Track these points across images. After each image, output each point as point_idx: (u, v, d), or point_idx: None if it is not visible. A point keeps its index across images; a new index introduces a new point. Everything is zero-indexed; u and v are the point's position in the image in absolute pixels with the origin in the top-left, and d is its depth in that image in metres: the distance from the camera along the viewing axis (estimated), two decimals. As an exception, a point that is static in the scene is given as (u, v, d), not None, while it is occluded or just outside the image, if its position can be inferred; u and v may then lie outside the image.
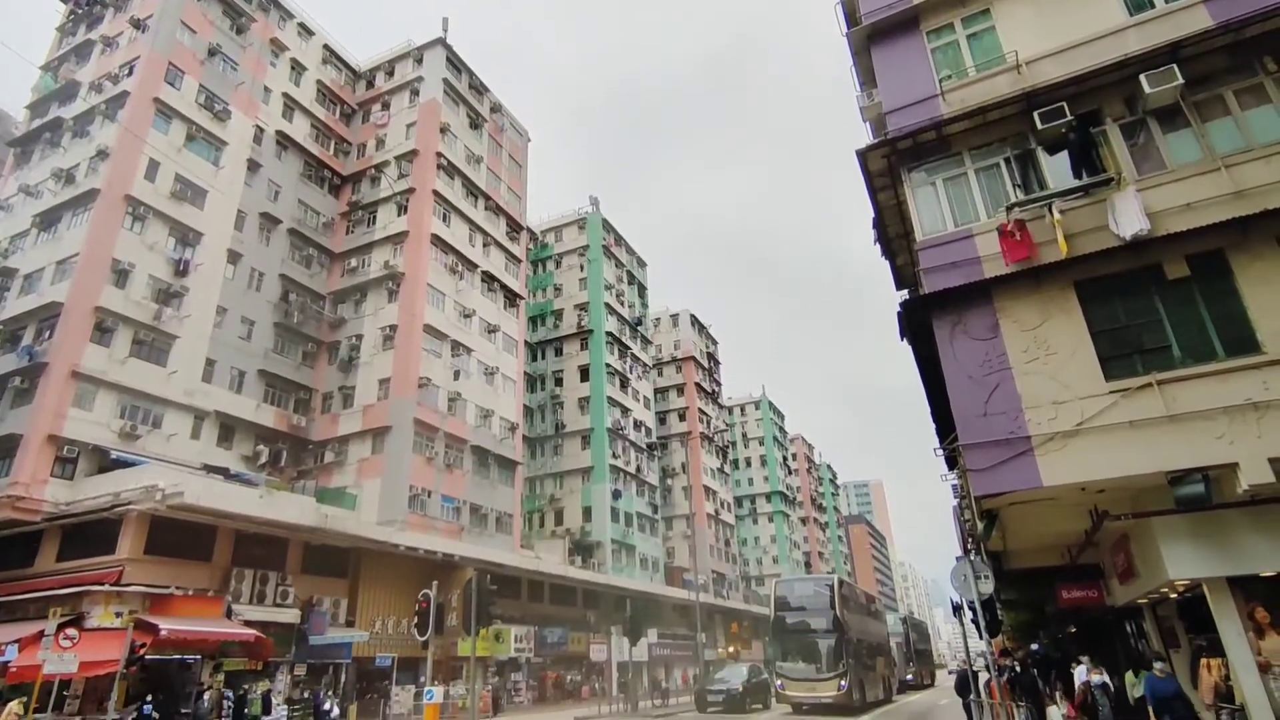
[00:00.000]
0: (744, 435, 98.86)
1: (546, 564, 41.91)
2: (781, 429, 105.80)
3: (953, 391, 11.02)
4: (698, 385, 75.39)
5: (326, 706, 26.32)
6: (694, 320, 79.86)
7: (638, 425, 60.30)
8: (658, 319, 78.13)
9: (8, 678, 20.66)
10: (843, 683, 24.78)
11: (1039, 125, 11.43)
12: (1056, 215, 10.81)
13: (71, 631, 20.08)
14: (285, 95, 39.83)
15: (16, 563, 25.78)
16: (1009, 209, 11.40)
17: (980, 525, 12.42)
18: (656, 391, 71.54)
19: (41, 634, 20.61)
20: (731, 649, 59.09)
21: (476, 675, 23.87)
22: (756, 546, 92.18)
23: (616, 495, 53.01)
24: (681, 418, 73.28)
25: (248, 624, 25.41)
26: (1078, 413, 10.00)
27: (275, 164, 38.20)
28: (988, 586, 14.40)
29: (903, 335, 12.68)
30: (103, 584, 23.20)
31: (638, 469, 57.89)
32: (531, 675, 38.72)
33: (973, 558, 15.66)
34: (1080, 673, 14.96)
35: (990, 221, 11.76)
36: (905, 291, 18.19)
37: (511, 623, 37.67)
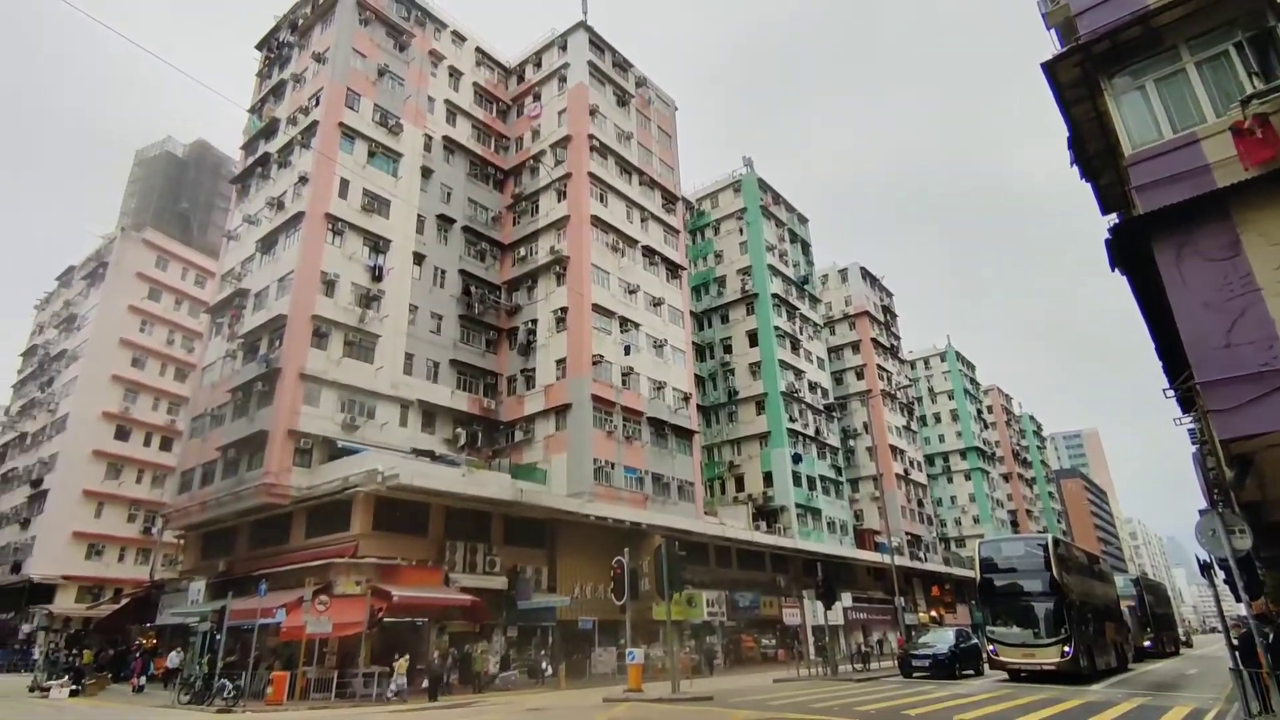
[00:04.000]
0: (930, 390, 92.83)
1: (731, 530, 42.00)
2: (973, 380, 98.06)
3: (1183, 323, 9.37)
4: (874, 341, 71.65)
5: (543, 666, 28.32)
6: (864, 273, 75.80)
7: (813, 387, 58.48)
8: (825, 276, 75.03)
9: (280, 636, 24.18)
10: (1066, 649, 22.44)
11: (1282, -6, 9.23)
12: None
13: (324, 598, 23.03)
14: (447, 102, 42.48)
15: (276, 540, 30.15)
16: (1245, 102, 9.39)
17: (1229, 473, 10.49)
18: (830, 351, 68.91)
19: (301, 600, 23.87)
20: (934, 613, 56.06)
21: (674, 638, 24.36)
22: (953, 506, 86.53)
23: (797, 459, 51.85)
24: (859, 376, 70.09)
25: (464, 590, 27.82)
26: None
27: (445, 167, 40.97)
28: (1244, 542, 12.20)
29: (1114, 265, 10.91)
30: (342, 557, 26.43)
31: (817, 431, 56.23)
32: (726, 639, 39.11)
33: (1221, 510, 13.33)
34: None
35: (1220, 122, 9.82)
36: (1114, 215, 15.74)
37: (702, 588, 38.19)
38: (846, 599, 38.42)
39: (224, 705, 21.10)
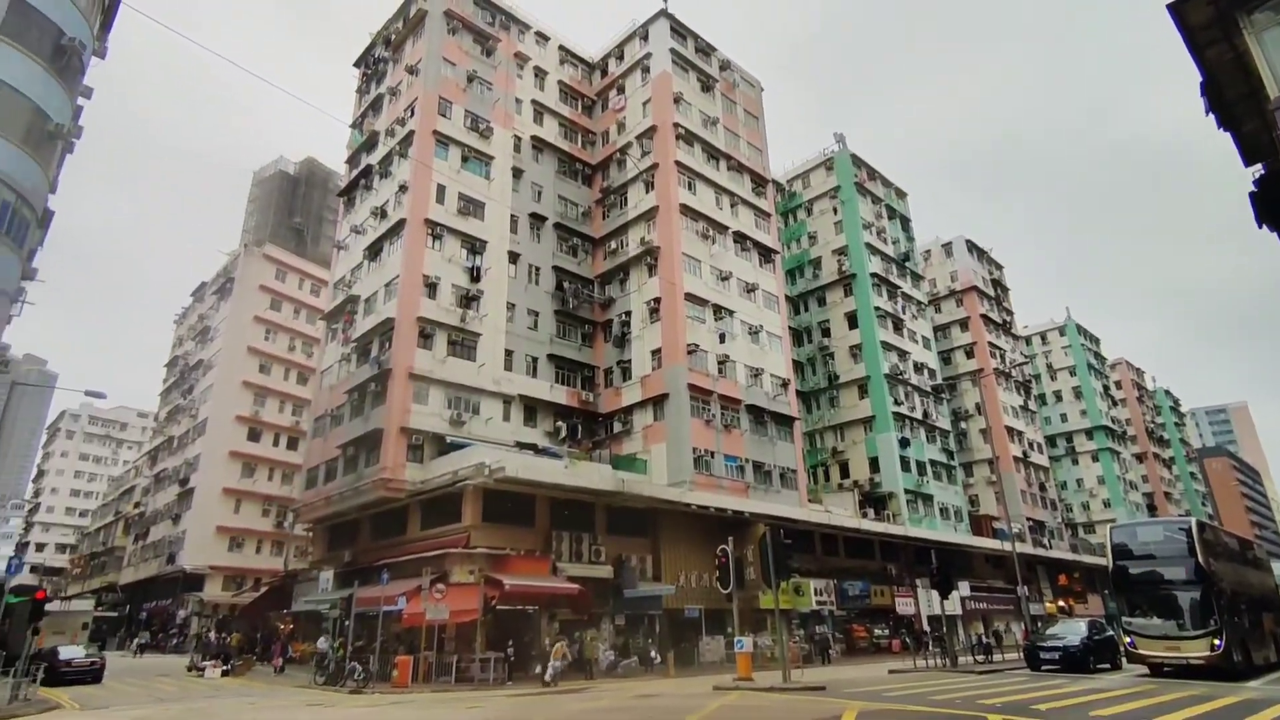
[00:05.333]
0: (1049, 367, 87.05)
1: (837, 517, 40.86)
2: (1097, 354, 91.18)
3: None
4: (984, 317, 67.76)
5: (652, 654, 28.49)
6: (970, 246, 71.76)
7: (919, 368, 55.99)
8: (927, 251, 71.61)
9: (402, 622, 25.43)
10: (1217, 642, 20.40)
11: None
12: None
13: (440, 586, 24.04)
14: (534, 102, 43.24)
15: (394, 532, 31.74)
16: None
17: None
18: (936, 329, 65.75)
19: (420, 588, 25.00)
20: (1063, 603, 52.69)
21: (782, 627, 23.91)
22: (1080, 490, 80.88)
23: (904, 443, 49.83)
24: (969, 355, 66.52)
25: (570, 579, 28.35)
26: None
27: (534, 166, 41.74)
28: None
29: (1261, 220, 9.71)
30: (456, 547, 27.48)
31: (925, 414, 53.82)
32: (836, 628, 38.14)
33: None
34: None
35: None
36: (1259, 166, 14.04)
37: (809, 576, 37.37)
38: (964, 588, 36.67)
39: (355, 686, 22.40)
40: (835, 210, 57.88)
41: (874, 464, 49.63)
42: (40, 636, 24.13)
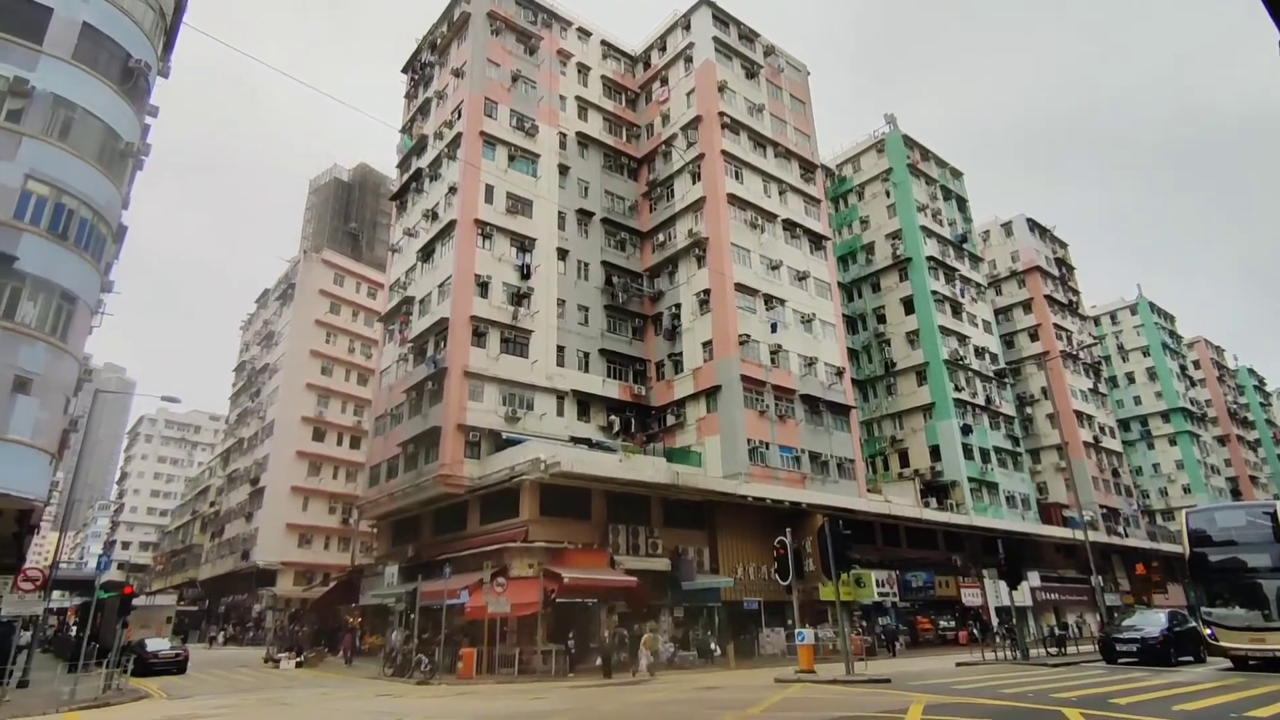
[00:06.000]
0: (1120, 347, 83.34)
1: (897, 507, 39.99)
2: (1172, 333, 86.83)
3: None
4: (1048, 298, 65.24)
5: (712, 646, 28.42)
6: (1032, 225, 69.13)
7: (980, 352, 54.28)
8: (986, 232, 69.29)
9: (465, 615, 25.94)
10: None
11: None
12: None
13: (501, 580, 24.40)
14: (578, 98, 43.37)
15: (454, 527, 32.41)
16: None
17: None
18: (998, 312, 63.64)
19: (481, 582, 25.46)
20: (1144, 597, 50.54)
21: (844, 619, 23.52)
22: (1157, 475, 77.30)
23: (966, 430, 48.39)
24: (1033, 337, 64.17)
25: (628, 572, 28.46)
26: None
27: (580, 162, 41.89)
28: None
29: None
30: (514, 541, 27.89)
31: (988, 400, 52.16)
32: (900, 621, 37.37)
33: None
34: None
35: None
36: None
37: (870, 568, 36.70)
38: (1034, 578, 35.48)
39: (423, 677, 22.97)
40: (887, 193, 56.48)
41: (935, 452, 48.35)
42: (129, 630, 25.45)
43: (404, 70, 47.44)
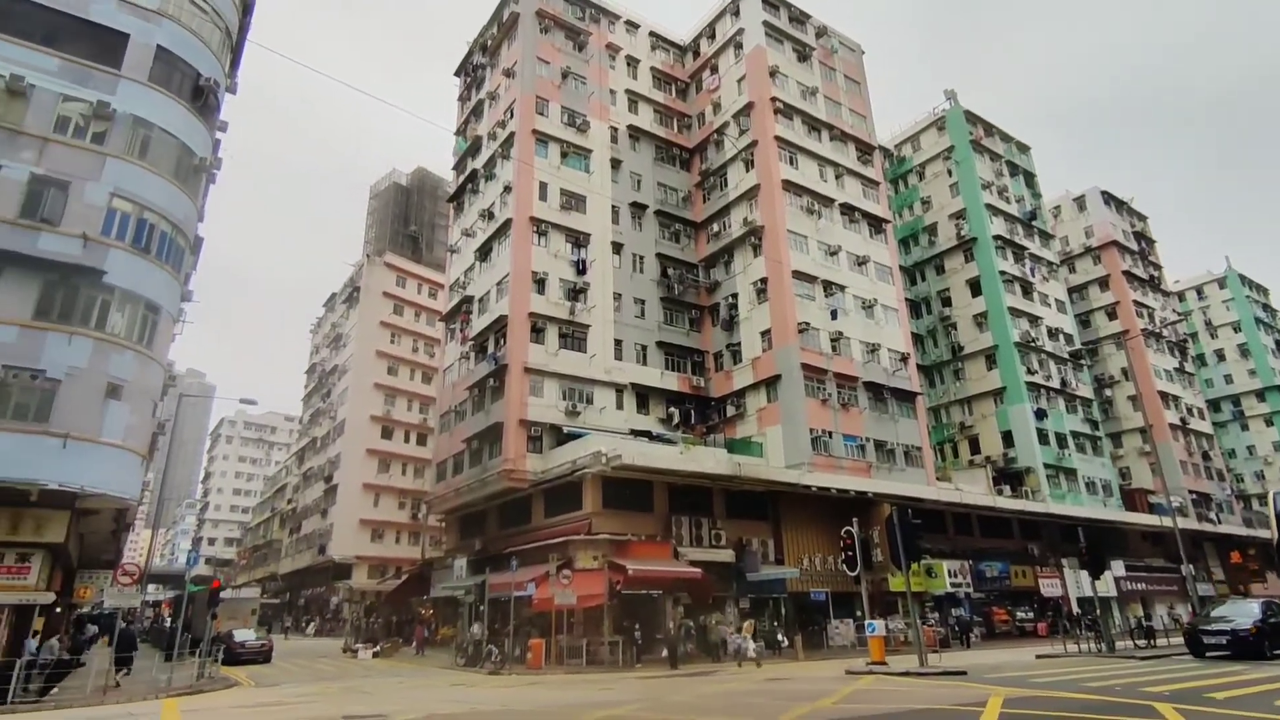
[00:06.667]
0: (1208, 324, 78.54)
1: (969, 495, 38.75)
2: (1266, 306, 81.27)
3: None
4: (1126, 274, 62.02)
5: (779, 637, 28.15)
6: (1107, 197, 65.77)
7: (1053, 333, 52.02)
8: (1057, 207, 66.28)
9: (532, 607, 26.37)
10: None
11: None
12: None
13: (566, 572, 24.68)
14: (628, 91, 43.30)
15: (519, 520, 32.94)
16: None
17: None
18: (1072, 291, 60.86)
19: (547, 574, 25.80)
20: (1243, 587, 47.94)
21: (915, 610, 22.92)
22: (1252, 458, 72.66)
23: (1041, 415, 46.47)
24: (1111, 316, 61.13)
25: (692, 563, 28.39)
26: None
27: (632, 155, 41.86)
28: None
29: None
30: (578, 534, 28.13)
31: (1063, 383, 49.97)
32: (975, 612, 36.23)
33: None
34: None
35: None
36: None
37: (941, 558, 35.73)
38: (1118, 567, 33.88)
39: (493, 668, 23.45)
40: (950, 172, 54.60)
41: (1007, 438, 46.61)
42: (217, 621, 26.78)
43: (456, 73, 48.26)
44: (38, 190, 19.68)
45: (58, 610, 25.25)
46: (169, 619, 41.90)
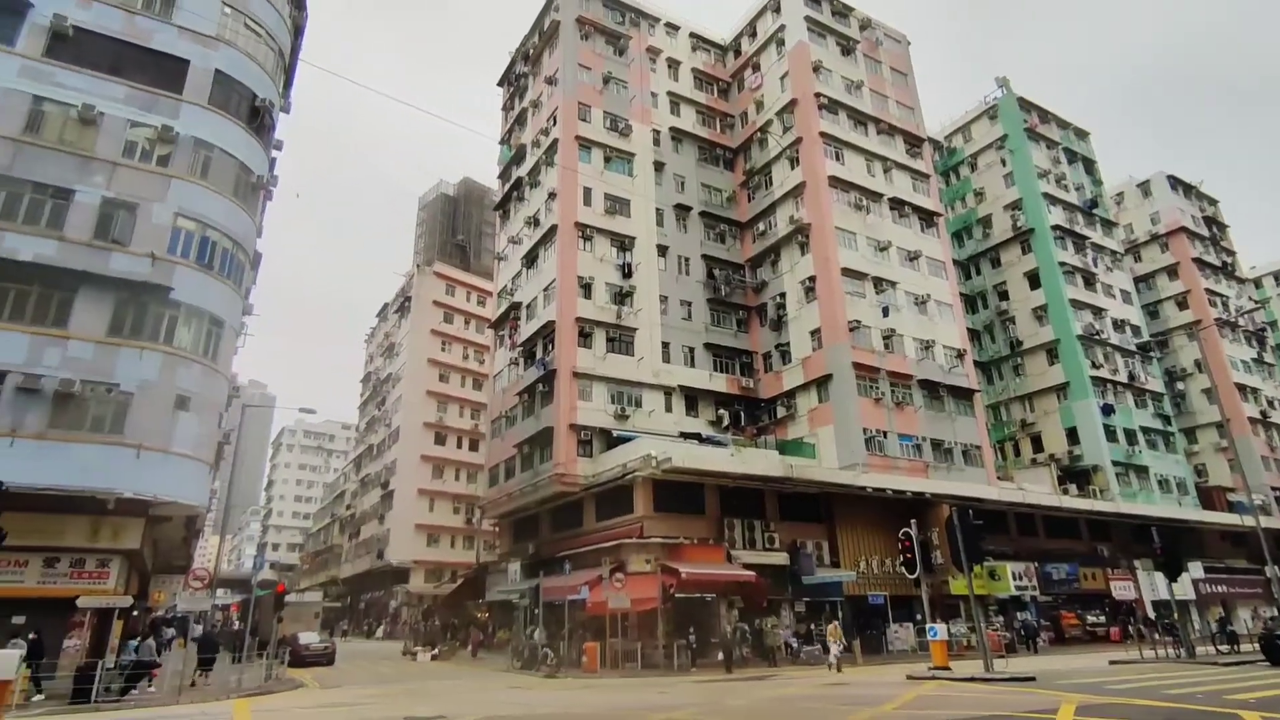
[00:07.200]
0: (1286, 310, 74.36)
1: (1032, 495, 37.41)
2: (1350, 291, 76.62)
3: None
4: (1196, 261, 59.15)
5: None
6: (1174, 182, 62.86)
7: (1119, 325, 49.91)
8: (1120, 194, 63.66)
9: (586, 610, 26.43)
10: None
11: None
12: None
13: (619, 575, 24.68)
14: (669, 93, 43.24)
15: (572, 524, 33.08)
16: None
17: None
18: (1138, 280, 58.34)
19: (600, 577, 25.84)
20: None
21: (979, 613, 22.18)
22: (1341, 452, 68.36)
23: (1108, 410, 44.60)
24: (1182, 305, 58.37)
25: (745, 566, 28.07)
26: None
27: (675, 158, 41.76)
28: None
29: None
30: (630, 537, 28.10)
31: (1131, 376, 47.89)
32: (1042, 615, 34.94)
33: None
34: None
35: None
36: None
37: (1004, 560, 34.58)
38: (1196, 569, 32.30)
39: (549, 671, 23.57)
40: (1003, 162, 52.96)
41: (1072, 435, 44.86)
42: (282, 624, 27.60)
43: (499, 83, 48.97)
44: (109, 213, 20.66)
45: (134, 614, 26.40)
46: (236, 622, 43.39)
